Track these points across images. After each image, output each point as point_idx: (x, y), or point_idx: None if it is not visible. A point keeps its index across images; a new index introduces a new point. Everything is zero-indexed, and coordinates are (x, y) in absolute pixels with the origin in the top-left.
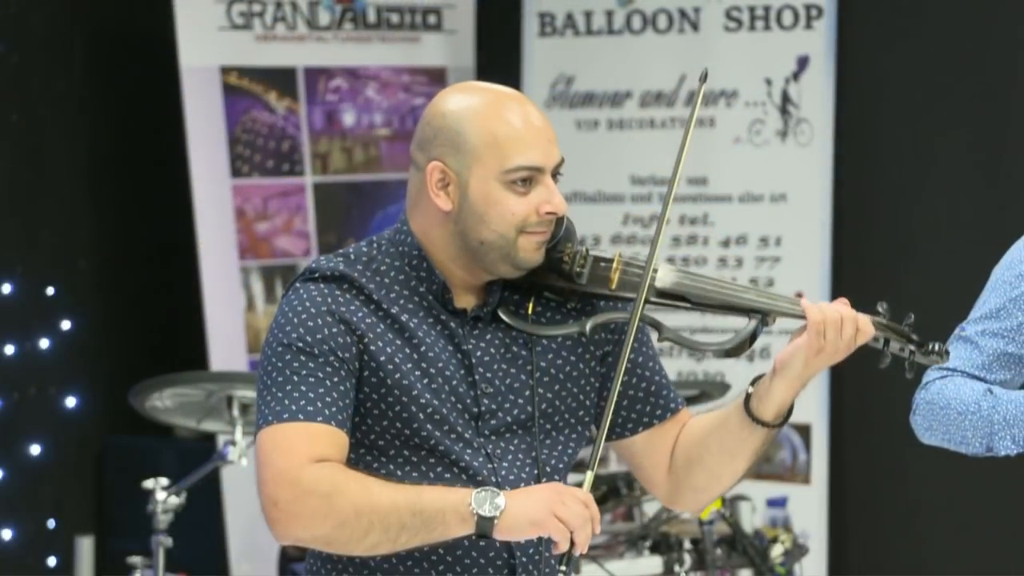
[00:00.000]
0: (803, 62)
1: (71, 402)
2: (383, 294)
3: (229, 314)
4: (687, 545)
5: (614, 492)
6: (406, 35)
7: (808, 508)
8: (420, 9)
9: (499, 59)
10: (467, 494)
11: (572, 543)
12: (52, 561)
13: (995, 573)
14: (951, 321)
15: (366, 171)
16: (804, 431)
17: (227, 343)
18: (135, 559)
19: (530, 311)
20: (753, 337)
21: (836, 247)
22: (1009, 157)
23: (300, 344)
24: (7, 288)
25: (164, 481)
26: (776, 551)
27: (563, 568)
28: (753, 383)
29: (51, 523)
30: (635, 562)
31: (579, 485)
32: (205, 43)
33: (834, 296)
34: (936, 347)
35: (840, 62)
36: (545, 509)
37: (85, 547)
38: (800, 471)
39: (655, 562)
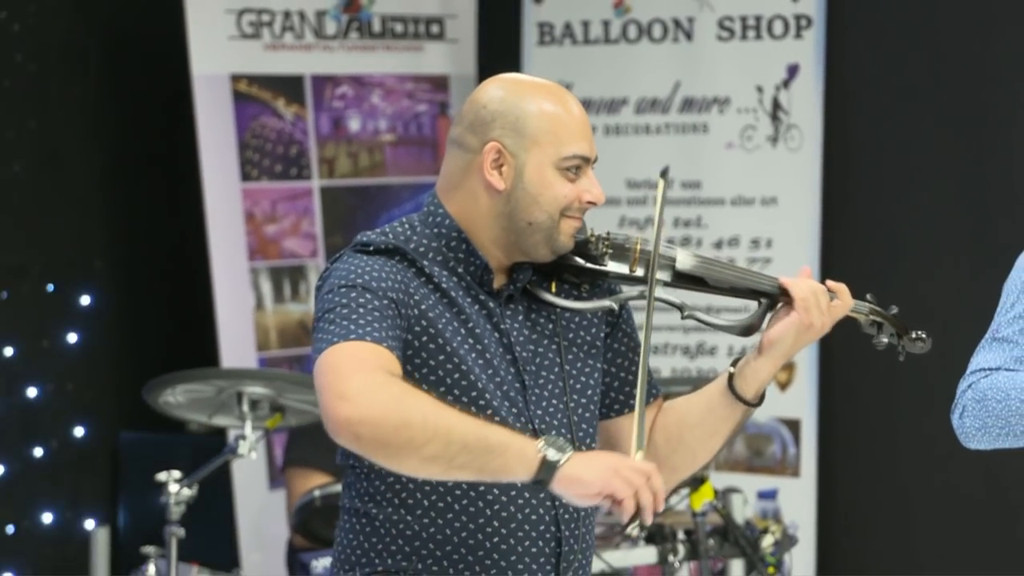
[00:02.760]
0: (793, 70)
1: (87, 398)
2: (432, 270)
3: (239, 313)
4: (681, 536)
5: None
6: (410, 44)
7: (797, 500)
8: (423, 19)
9: (500, 67)
10: (533, 442)
11: (638, 507)
12: (69, 550)
13: (979, 563)
14: (936, 317)
15: (371, 175)
16: (794, 426)
17: (237, 341)
18: (149, 549)
19: (553, 290)
20: (763, 316)
21: (825, 248)
22: (991, 162)
23: (363, 285)
24: (25, 288)
25: (177, 474)
26: (767, 541)
27: (636, 526)
28: (733, 364)
29: (69, 514)
30: (631, 552)
31: None
32: (216, 52)
33: None
34: (916, 334)
35: (829, 70)
36: (609, 465)
37: (101, 537)
38: (790, 464)
39: (650, 552)
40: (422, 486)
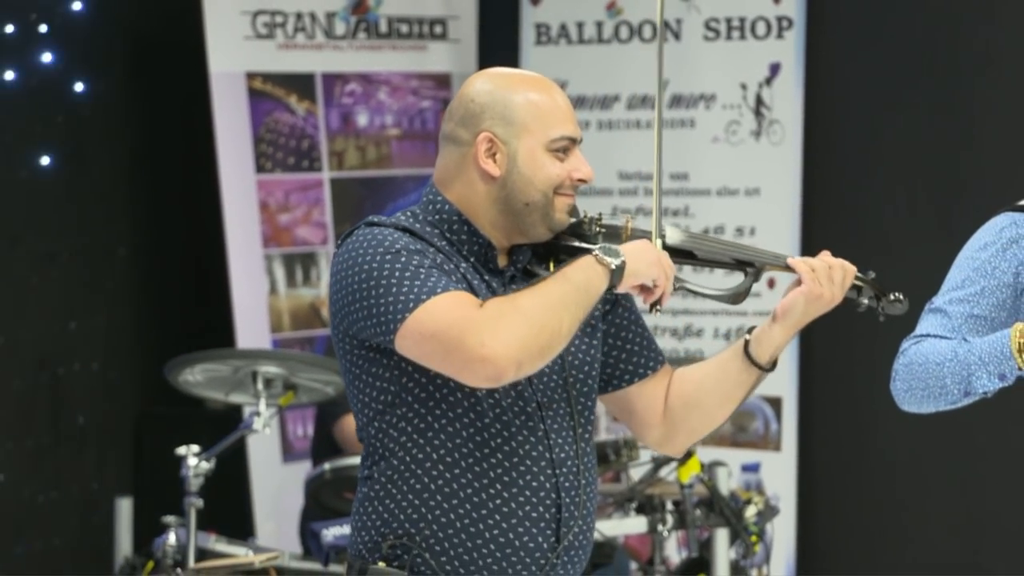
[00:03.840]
0: (775, 68)
1: (112, 376)
2: (443, 250)
3: (254, 297)
4: (669, 506)
5: (603, 458)
6: (414, 44)
7: (779, 473)
8: (427, 20)
9: (499, 65)
10: (591, 257)
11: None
12: (95, 519)
13: (954, 534)
14: (910, 299)
15: (378, 167)
16: (776, 403)
17: (252, 323)
18: (169, 518)
19: (552, 270)
20: (750, 287)
21: (805, 236)
22: (961, 155)
23: (404, 249)
24: (55, 273)
25: (196, 448)
26: (750, 512)
27: (659, 308)
28: (749, 332)
29: (94, 485)
30: (622, 522)
31: None
32: (232, 51)
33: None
34: (894, 295)
35: (809, 69)
36: (655, 258)
37: (124, 507)
38: (772, 439)
39: (640, 522)
40: (431, 440)
